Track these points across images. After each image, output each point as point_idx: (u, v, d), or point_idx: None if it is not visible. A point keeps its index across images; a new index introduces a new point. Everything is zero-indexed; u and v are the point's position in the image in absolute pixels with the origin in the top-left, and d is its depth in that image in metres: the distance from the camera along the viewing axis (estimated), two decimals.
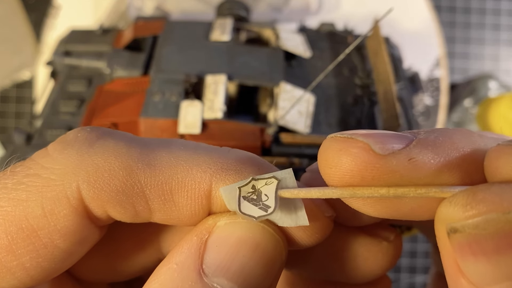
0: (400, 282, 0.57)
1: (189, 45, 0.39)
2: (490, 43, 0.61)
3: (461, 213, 0.12)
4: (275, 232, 0.15)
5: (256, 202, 0.15)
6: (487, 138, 0.15)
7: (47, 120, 0.38)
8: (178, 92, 0.35)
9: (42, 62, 0.53)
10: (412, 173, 0.13)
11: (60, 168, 0.15)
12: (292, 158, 0.34)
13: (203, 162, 0.16)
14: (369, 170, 0.14)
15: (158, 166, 0.15)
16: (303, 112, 0.35)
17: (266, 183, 0.15)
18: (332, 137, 0.15)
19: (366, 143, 0.14)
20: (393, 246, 0.18)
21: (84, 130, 0.16)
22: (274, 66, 0.37)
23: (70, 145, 0.16)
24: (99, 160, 0.15)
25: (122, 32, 0.43)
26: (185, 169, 0.15)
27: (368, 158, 0.14)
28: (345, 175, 0.14)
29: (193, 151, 0.16)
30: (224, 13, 0.44)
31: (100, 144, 0.16)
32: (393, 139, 0.14)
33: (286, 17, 0.53)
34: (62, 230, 0.15)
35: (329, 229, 0.16)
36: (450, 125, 0.57)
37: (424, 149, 0.13)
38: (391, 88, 0.35)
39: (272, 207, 0.15)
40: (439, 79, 0.54)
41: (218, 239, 0.15)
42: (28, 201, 0.15)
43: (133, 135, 0.17)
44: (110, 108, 0.36)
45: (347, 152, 0.14)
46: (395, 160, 0.13)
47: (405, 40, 0.45)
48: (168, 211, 0.16)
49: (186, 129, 0.34)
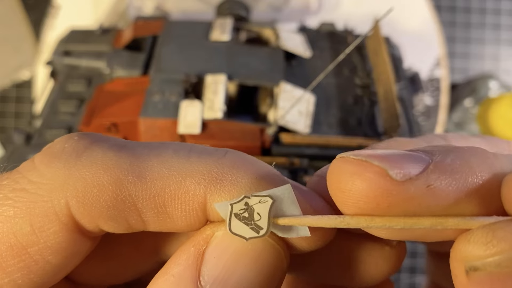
0: (400, 282, 0.57)
1: (189, 45, 0.39)
2: (490, 43, 0.60)
3: (482, 251, 0.12)
4: (276, 242, 0.15)
5: (247, 221, 0.14)
6: (502, 159, 0.14)
7: (47, 120, 0.38)
8: (178, 92, 0.35)
9: (41, 62, 0.53)
10: (430, 200, 0.13)
11: (47, 183, 0.15)
12: (292, 158, 0.34)
13: (196, 172, 0.15)
14: (385, 197, 0.13)
15: (150, 178, 0.15)
16: (303, 112, 0.35)
17: (260, 201, 0.14)
18: (344, 158, 0.14)
19: (382, 168, 0.13)
20: (396, 252, 0.18)
21: (71, 140, 0.16)
22: (274, 66, 0.37)
23: (57, 158, 0.15)
24: (87, 174, 0.15)
25: (122, 32, 0.43)
26: (178, 181, 0.15)
27: (384, 184, 0.13)
28: (359, 200, 0.13)
29: (186, 159, 0.15)
30: (224, 13, 0.44)
31: (88, 155, 0.15)
32: (410, 162, 0.13)
33: (286, 17, 0.53)
34: (52, 246, 0.15)
35: (331, 236, 0.16)
36: (450, 125, 0.56)
37: (442, 175, 0.13)
38: (391, 88, 0.35)
39: (264, 229, 0.14)
40: (440, 79, 0.54)
41: (216, 250, 0.15)
42: (16, 217, 0.14)
43: (124, 141, 0.16)
44: (109, 108, 0.36)
45: (362, 177, 0.13)
46: (413, 187, 0.13)
47: (405, 40, 0.45)
48: (163, 223, 0.15)
49: (186, 129, 0.34)
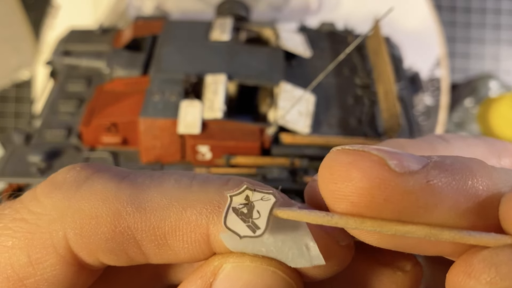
0: None
1: (188, 44, 0.39)
2: (490, 42, 0.60)
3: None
4: (287, 275, 0.14)
5: (245, 218, 0.13)
6: (501, 172, 0.13)
7: (47, 120, 0.38)
8: (178, 92, 0.35)
9: (41, 62, 0.53)
10: (428, 197, 0.12)
11: (46, 214, 0.14)
12: (292, 158, 0.34)
13: (198, 202, 0.14)
14: (383, 189, 0.12)
15: (149, 209, 0.14)
16: (303, 112, 0.35)
17: (262, 199, 0.13)
18: (339, 149, 0.13)
19: (381, 158, 0.12)
20: (409, 277, 0.16)
21: (74, 170, 0.15)
22: (274, 66, 0.37)
23: (57, 188, 0.15)
24: (86, 206, 0.14)
25: (122, 32, 0.43)
26: (178, 211, 0.14)
27: (383, 174, 0.12)
28: (352, 193, 0.12)
29: (187, 188, 0.15)
30: (224, 12, 0.44)
31: (88, 186, 0.15)
32: (409, 157, 0.13)
33: (286, 16, 0.53)
34: (49, 279, 0.14)
35: (348, 259, 0.15)
36: (451, 125, 0.56)
37: (443, 172, 0.12)
38: (391, 88, 0.35)
39: (262, 229, 0.13)
40: (440, 79, 0.54)
41: (225, 283, 0.14)
42: (14, 248, 0.14)
43: (126, 171, 0.16)
44: (109, 108, 0.36)
45: (359, 166, 0.12)
46: (412, 180, 0.12)
47: (406, 40, 0.45)
48: (164, 255, 0.15)
49: (186, 129, 0.34)
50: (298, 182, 0.33)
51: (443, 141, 0.18)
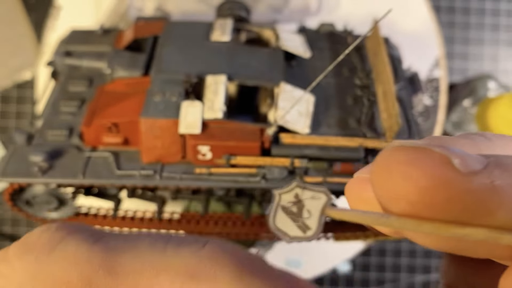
0: (400, 282, 0.58)
1: (189, 45, 0.39)
2: (489, 43, 0.61)
3: None
4: None
5: (295, 217, 0.12)
6: None
7: (48, 120, 0.38)
8: (178, 92, 0.35)
9: (43, 62, 0.53)
10: (492, 198, 0.11)
11: (16, 278, 0.14)
12: (292, 158, 0.34)
13: (171, 267, 0.14)
14: (446, 189, 0.11)
15: (121, 273, 0.14)
16: (303, 112, 0.35)
17: (313, 197, 0.13)
18: (397, 146, 0.12)
19: (445, 156, 0.11)
20: None
21: (48, 231, 0.15)
22: (274, 67, 0.37)
23: (30, 250, 0.15)
24: (57, 270, 0.14)
25: (123, 33, 0.44)
26: (152, 276, 0.14)
27: (447, 173, 0.11)
28: (412, 192, 0.11)
29: (162, 252, 0.14)
30: (224, 13, 0.44)
31: (61, 249, 0.14)
32: (470, 156, 0.12)
33: (286, 17, 0.53)
34: None
35: None
36: (449, 125, 0.57)
37: (505, 172, 0.12)
38: (390, 88, 0.35)
39: (313, 230, 0.12)
40: (438, 79, 0.55)
41: None
42: None
43: (101, 232, 0.15)
44: (110, 108, 0.36)
45: (420, 164, 0.11)
46: (476, 180, 0.11)
47: (405, 41, 0.46)
48: None
49: (187, 129, 0.34)
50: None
51: (485, 139, 0.17)
